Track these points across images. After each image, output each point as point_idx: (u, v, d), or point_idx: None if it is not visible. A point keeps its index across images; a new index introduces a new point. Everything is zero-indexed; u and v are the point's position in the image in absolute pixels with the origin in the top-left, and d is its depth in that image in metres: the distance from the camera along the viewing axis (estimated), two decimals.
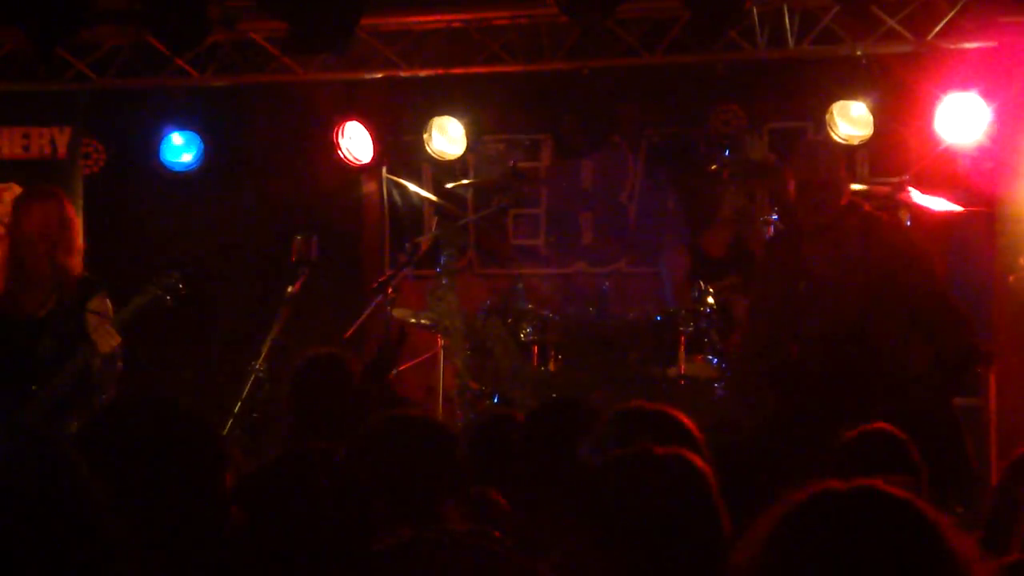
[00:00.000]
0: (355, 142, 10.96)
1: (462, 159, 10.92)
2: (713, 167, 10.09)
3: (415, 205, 11.48)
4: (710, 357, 9.38)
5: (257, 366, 9.28)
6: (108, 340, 8.15)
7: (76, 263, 8.47)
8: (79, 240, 8.60)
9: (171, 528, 3.59)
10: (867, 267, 7.74)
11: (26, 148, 10.86)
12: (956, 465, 7.39)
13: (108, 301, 8.38)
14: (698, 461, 3.57)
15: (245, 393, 9.14)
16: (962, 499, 6.73)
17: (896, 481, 2.45)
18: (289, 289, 9.48)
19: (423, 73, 10.79)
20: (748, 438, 8.39)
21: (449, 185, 10.76)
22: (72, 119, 11.00)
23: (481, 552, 2.33)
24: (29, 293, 8.39)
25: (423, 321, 9.79)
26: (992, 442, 9.34)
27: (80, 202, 10.77)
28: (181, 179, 11.03)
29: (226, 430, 8.72)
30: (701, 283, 9.48)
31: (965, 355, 7.85)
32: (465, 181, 10.79)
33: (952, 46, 9.68)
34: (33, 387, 8.02)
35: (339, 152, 10.92)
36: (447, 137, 10.82)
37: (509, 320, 9.65)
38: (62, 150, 10.92)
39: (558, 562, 3.65)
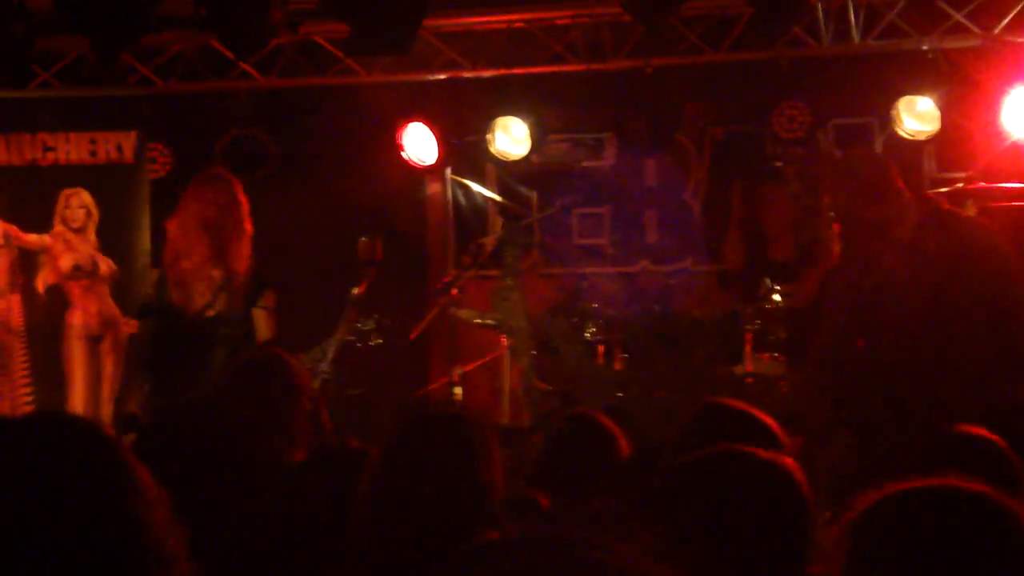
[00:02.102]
0: (419, 143, 10.96)
1: (526, 159, 10.90)
2: (778, 164, 10.04)
3: (479, 206, 11.48)
4: (776, 355, 9.34)
5: (324, 368, 9.29)
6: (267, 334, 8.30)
7: (244, 252, 8.49)
8: (247, 225, 8.59)
9: (231, 532, 3.60)
10: (939, 263, 7.67)
11: (93, 153, 10.93)
12: None
13: (274, 295, 8.48)
14: (795, 469, 3.54)
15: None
16: None
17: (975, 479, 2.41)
18: (355, 291, 9.49)
19: (486, 73, 10.79)
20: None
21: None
22: (138, 124, 11.07)
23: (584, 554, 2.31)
24: (197, 289, 8.43)
25: (488, 321, 9.81)
26: None
27: (147, 207, 10.85)
28: (247, 182, 11.05)
29: None
30: (767, 280, 9.43)
31: None
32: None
33: (1020, 40, 9.59)
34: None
35: (403, 153, 10.93)
36: (511, 137, 10.81)
37: (574, 319, 9.66)
38: (128, 154, 10.98)
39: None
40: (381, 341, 9.78)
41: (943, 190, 9.30)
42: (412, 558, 3.42)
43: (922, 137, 9.87)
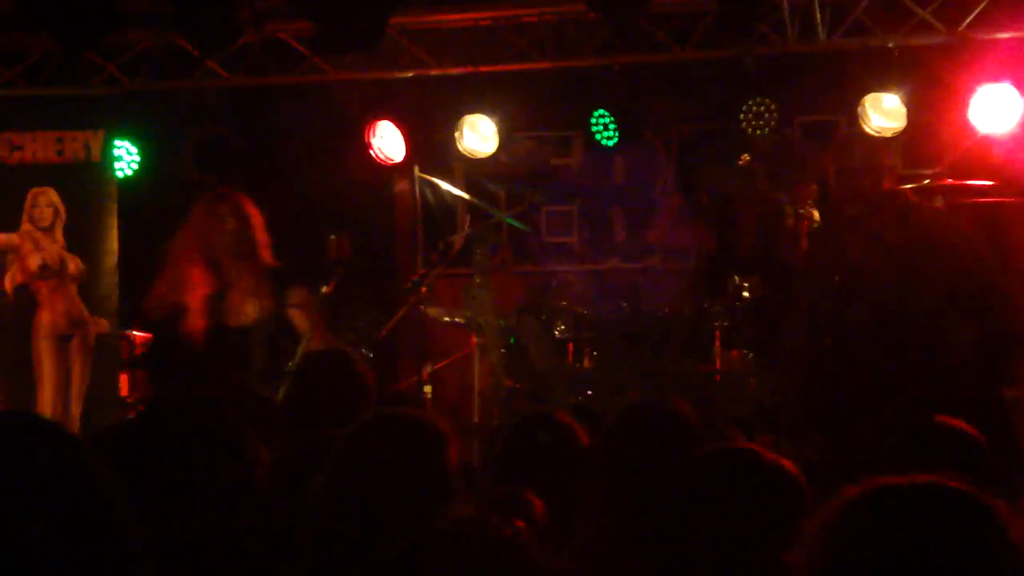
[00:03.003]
0: (387, 141, 10.95)
1: (493, 157, 10.90)
2: (746, 159, 10.06)
3: (448, 204, 11.48)
4: (745, 351, 9.36)
5: (292, 367, 9.27)
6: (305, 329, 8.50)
7: (265, 259, 8.84)
8: (261, 235, 8.91)
9: (200, 531, 3.59)
10: (907, 254, 7.71)
11: (60, 152, 10.86)
12: (1005, 456, 7.34)
13: (306, 290, 8.83)
14: (783, 461, 3.60)
15: (281, 394, 9.12)
16: (1009, 493, 6.68)
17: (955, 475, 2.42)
18: (323, 289, 9.46)
19: (453, 71, 10.79)
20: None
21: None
22: (105, 122, 11.01)
23: (504, 544, 2.32)
24: (231, 300, 8.75)
25: (457, 320, 9.80)
26: None
27: (114, 205, 10.80)
28: (213, 181, 11.02)
29: None
30: (736, 277, 9.46)
31: (1010, 343, 7.81)
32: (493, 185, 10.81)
33: (985, 36, 9.64)
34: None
35: (371, 151, 10.91)
36: (478, 135, 10.81)
37: (543, 317, 9.66)
38: (96, 153, 10.92)
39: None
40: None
41: (910, 186, 9.33)
42: (363, 548, 3.42)
43: (888, 134, 9.91)
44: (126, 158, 11.13)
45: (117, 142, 11.08)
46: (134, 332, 10.55)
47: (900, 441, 5.19)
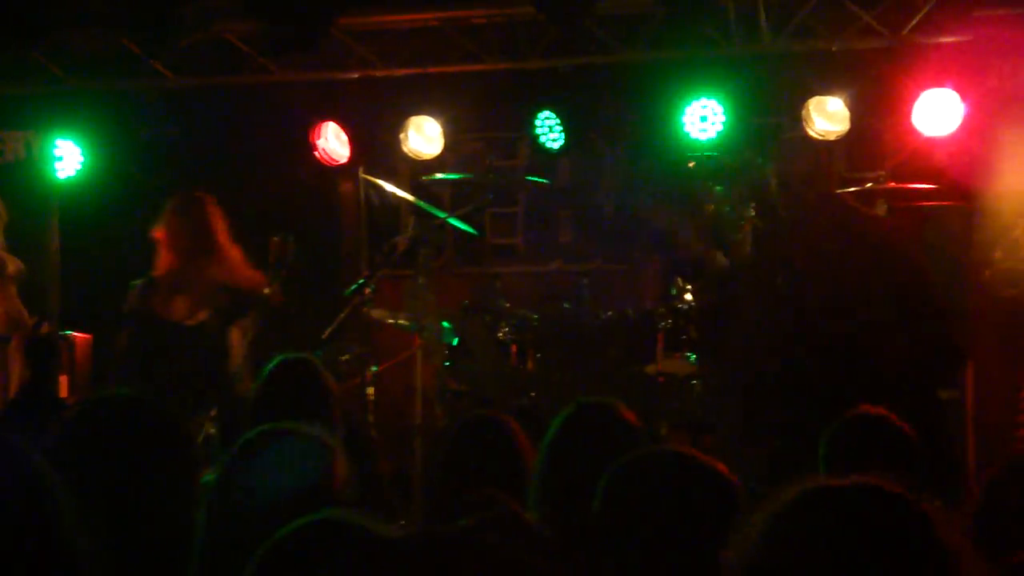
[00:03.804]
0: (332, 142, 10.92)
1: (439, 158, 10.89)
2: (690, 164, 10.06)
3: (392, 205, 11.45)
4: (688, 354, 9.36)
5: (234, 369, 9.24)
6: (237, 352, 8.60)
7: (228, 270, 8.98)
8: (223, 242, 9.05)
9: (139, 531, 3.57)
10: (848, 261, 7.73)
11: (0, 152, 10.80)
12: (939, 459, 7.38)
13: (254, 316, 8.95)
14: (717, 463, 3.63)
15: (223, 397, 9.09)
16: (942, 493, 6.71)
17: (892, 475, 2.43)
18: (266, 291, 9.42)
19: (399, 72, 10.77)
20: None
21: (424, 178, 10.74)
22: (47, 122, 10.94)
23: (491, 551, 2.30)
24: (180, 300, 8.86)
25: (401, 321, 9.77)
26: (969, 435, 9.34)
27: (55, 206, 10.74)
28: (155, 182, 10.97)
29: (203, 433, 8.67)
30: (679, 280, 9.46)
31: (945, 349, 7.85)
32: (440, 175, 10.76)
33: (928, 40, 9.69)
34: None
35: (316, 152, 10.88)
36: (424, 136, 10.80)
37: (487, 319, 9.64)
38: (36, 153, 10.86)
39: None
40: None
41: (853, 190, 9.37)
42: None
43: (832, 137, 9.93)
44: (69, 158, 11.05)
45: (60, 142, 11.00)
46: (74, 333, 10.49)
47: (835, 438, 5.22)
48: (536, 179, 10.27)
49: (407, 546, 2.20)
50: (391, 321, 9.80)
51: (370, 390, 9.83)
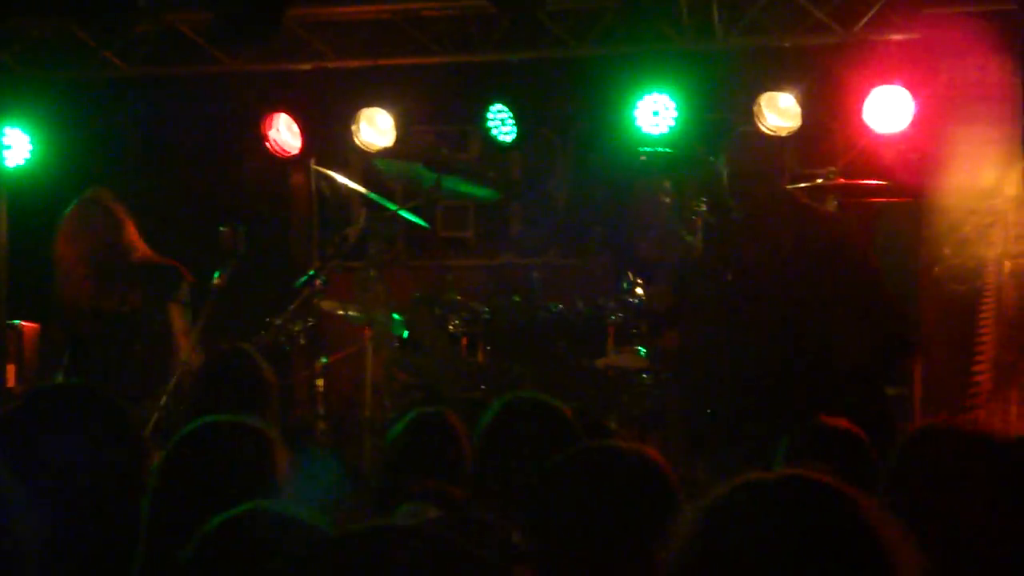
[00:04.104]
0: (283, 133, 10.89)
1: (391, 150, 10.86)
2: (642, 158, 10.08)
3: (343, 197, 11.42)
4: (638, 348, 9.38)
5: (184, 359, 9.19)
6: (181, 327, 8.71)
7: (142, 255, 8.93)
8: (130, 232, 8.98)
9: (86, 522, 3.55)
10: (798, 257, 7.76)
11: None
12: (886, 452, 7.39)
13: (188, 288, 8.95)
14: (660, 458, 3.64)
15: (171, 386, 9.04)
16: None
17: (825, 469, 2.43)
18: (215, 281, 9.37)
19: (352, 64, 10.75)
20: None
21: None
22: None
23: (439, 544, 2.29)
24: (108, 290, 8.82)
25: (351, 313, 9.75)
26: None
27: (2, 194, 10.67)
28: (106, 171, 10.89)
29: (152, 424, 8.63)
30: (630, 274, 9.47)
31: (895, 345, 7.89)
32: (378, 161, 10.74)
33: (879, 37, 9.74)
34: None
35: (267, 143, 10.85)
36: (375, 128, 10.78)
37: (437, 311, 9.63)
38: None
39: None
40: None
41: (803, 185, 9.39)
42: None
43: (783, 133, 9.95)
44: (18, 147, 10.97)
45: (9, 131, 10.92)
46: (22, 323, 10.42)
47: (786, 441, 5.22)
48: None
49: (341, 540, 2.20)
50: (341, 313, 9.78)
51: (319, 382, 9.82)
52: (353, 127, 10.74)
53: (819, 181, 9.63)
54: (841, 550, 2.28)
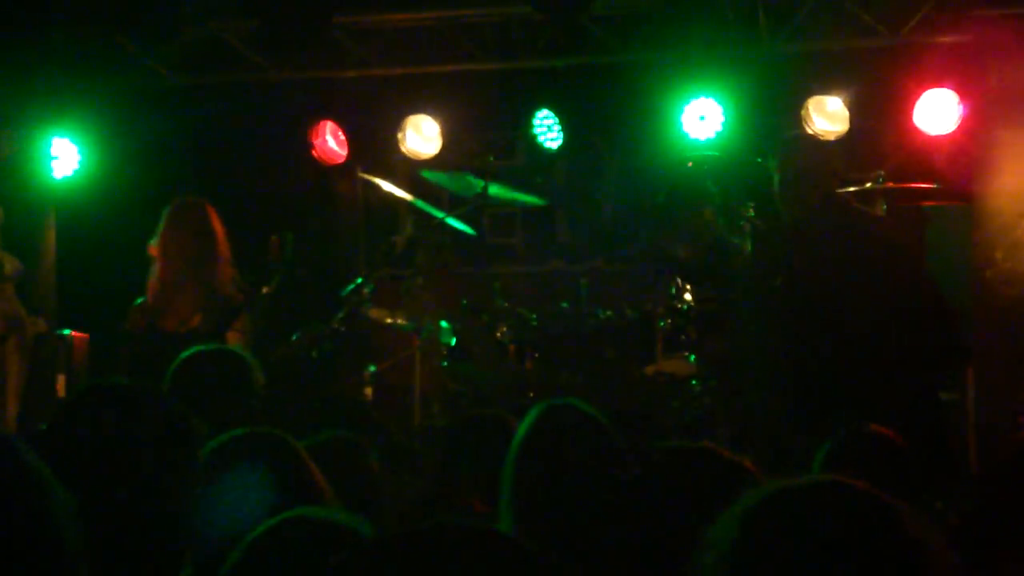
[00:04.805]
0: (329, 141, 10.91)
1: (437, 157, 10.87)
2: (690, 164, 10.04)
3: (390, 204, 11.42)
4: (687, 354, 9.34)
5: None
6: None
7: (223, 276, 8.95)
8: (224, 251, 9.01)
9: (138, 517, 3.54)
10: (849, 261, 7.72)
11: None
12: (938, 460, 7.36)
13: (248, 318, 9.01)
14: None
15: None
16: (942, 495, 6.70)
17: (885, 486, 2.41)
18: (264, 290, 9.40)
19: (397, 71, 10.75)
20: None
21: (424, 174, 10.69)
22: (44, 120, 10.91)
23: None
24: (173, 308, 8.85)
25: (399, 321, 9.74)
26: (970, 437, 9.31)
27: (52, 204, 10.72)
28: (153, 181, 10.92)
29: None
30: (678, 280, 9.43)
31: (947, 350, 7.84)
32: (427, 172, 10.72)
33: (927, 40, 9.69)
34: None
35: (313, 151, 10.87)
36: (421, 136, 10.79)
37: (485, 319, 9.62)
38: (32, 152, 10.83)
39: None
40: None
41: (852, 189, 9.35)
42: None
43: (831, 137, 9.93)
44: (66, 157, 11.02)
45: (57, 141, 10.98)
46: (72, 333, 10.45)
47: (826, 447, 5.19)
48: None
49: (383, 545, 2.18)
50: (389, 321, 9.77)
51: (368, 390, 9.82)
52: (399, 134, 10.76)
53: (868, 185, 9.58)
54: (878, 559, 2.26)
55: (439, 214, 10.04)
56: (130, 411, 3.65)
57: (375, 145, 11.11)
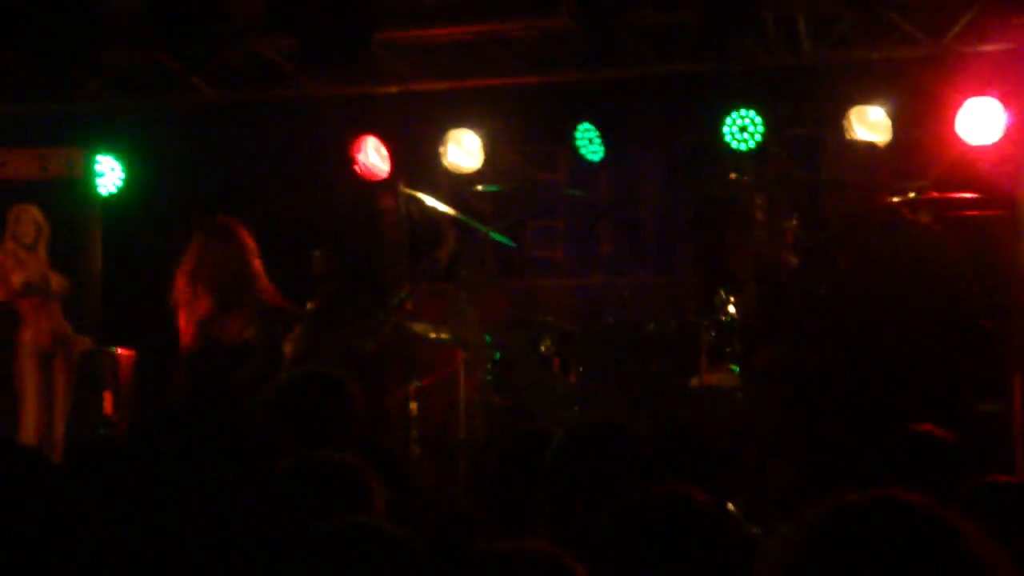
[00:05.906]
0: (372, 156, 10.93)
1: (479, 172, 10.88)
2: (733, 175, 10.03)
3: (433, 219, 11.43)
4: (732, 366, 9.32)
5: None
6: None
7: (265, 289, 9.38)
8: (256, 266, 9.45)
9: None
10: (893, 269, 7.71)
11: (43, 169, 10.81)
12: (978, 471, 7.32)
13: (303, 328, 9.29)
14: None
15: None
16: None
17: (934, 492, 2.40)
18: (308, 305, 9.44)
19: (437, 86, 10.76)
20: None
21: (479, 187, 10.70)
22: (88, 139, 10.99)
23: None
24: (229, 320, 9.21)
25: (443, 335, 9.75)
26: (1018, 446, 9.26)
27: (98, 222, 10.78)
28: (199, 196, 10.98)
29: None
30: (722, 292, 9.41)
31: (992, 358, 7.82)
32: (481, 187, 10.74)
33: (969, 48, 9.65)
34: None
35: (356, 167, 10.89)
36: (463, 150, 10.80)
37: (529, 333, 9.61)
38: (79, 170, 10.90)
39: None
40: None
41: (896, 199, 9.32)
42: None
43: (875, 147, 9.89)
44: (110, 175, 11.09)
45: (101, 158, 11.05)
46: (118, 350, 10.51)
47: (877, 453, 5.18)
48: (574, 192, 10.23)
49: (440, 561, 2.19)
50: (433, 335, 9.78)
51: (413, 405, 9.82)
52: (441, 149, 10.77)
53: (911, 194, 9.55)
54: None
55: (481, 227, 10.05)
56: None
57: (417, 160, 11.11)
